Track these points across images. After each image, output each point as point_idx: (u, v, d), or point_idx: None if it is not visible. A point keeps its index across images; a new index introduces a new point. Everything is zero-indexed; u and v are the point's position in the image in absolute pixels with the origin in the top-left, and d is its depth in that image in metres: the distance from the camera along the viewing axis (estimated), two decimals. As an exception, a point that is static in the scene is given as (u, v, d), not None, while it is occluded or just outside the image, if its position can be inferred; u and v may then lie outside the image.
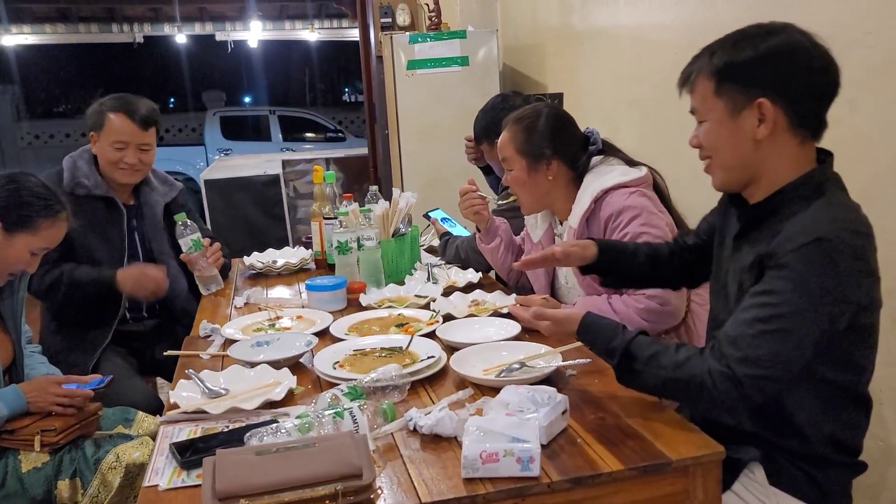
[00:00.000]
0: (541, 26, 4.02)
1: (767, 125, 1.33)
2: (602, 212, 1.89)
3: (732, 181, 1.43)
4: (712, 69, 1.37)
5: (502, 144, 2.05)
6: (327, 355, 1.72)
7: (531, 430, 1.23)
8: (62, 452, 1.83)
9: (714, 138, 1.40)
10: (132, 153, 2.43)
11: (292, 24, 8.53)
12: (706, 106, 1.40)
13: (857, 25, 2.01)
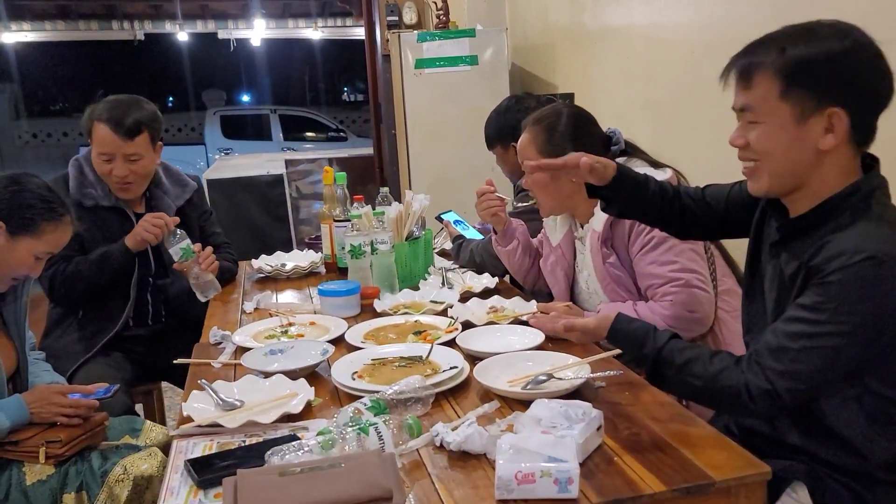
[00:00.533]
0: (551, 25, 3.96)
1: (836, 136, 1.25)
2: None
3: (778, 188, 1.34)
4: (781, 68, 1.25)
5: (523, 146, 1.99)
6: (345, 365, 1.66)
7: (569, 449, 1.17)
8: (68, 465, 1.77)
9: (770, 143, 1.29)
10: (120, 165, 2.30)
11: (295, 22, 8.46)
12: (767, 107, 1.28)
13: (888, 26, 1.94)
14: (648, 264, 1.79)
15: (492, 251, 2.45)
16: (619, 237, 1.85)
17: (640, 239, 1.80)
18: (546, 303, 1.88)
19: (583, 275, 2.02)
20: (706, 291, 1.75)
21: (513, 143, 2.56)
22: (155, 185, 2.52)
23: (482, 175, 4.02)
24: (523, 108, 2.55)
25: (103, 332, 2.39)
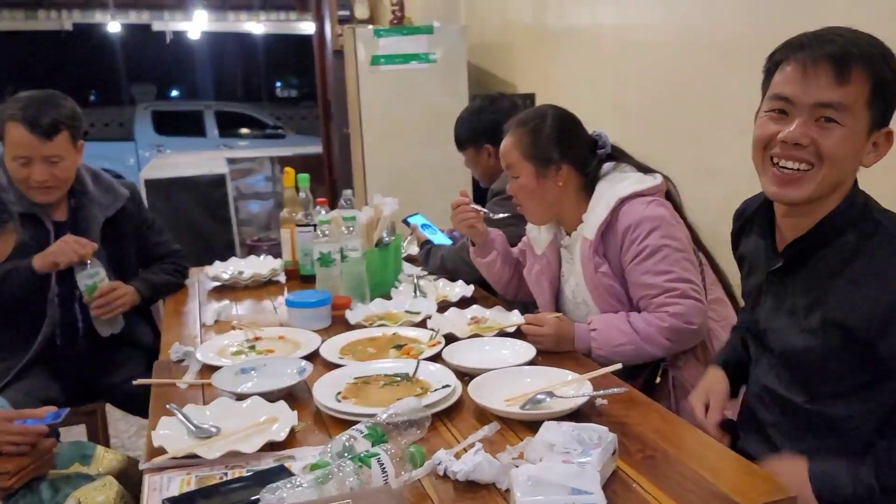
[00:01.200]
0: (511, 24, 3.89)
1: (879, 154, 1.24)
2: (619, 223, 1.76)
3: (820, 193, 1.25)
4: (877, 74, 1.18)
5: (506, 150, 1.90)
6: (326, 385, 1.54)
7: (592, 480, 1.09)
8: (16, 497, 1.60)
9: (844, 149, 1.21)
10: (40, 168, 2.08)
11: (236, 14, 8.17)
12: (856, 110, 1.19)
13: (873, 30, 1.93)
14: (643, 274, 1.73)
15: (465, 258, 2.35)
16: (612, 246, 1.78)
17: (633, 247, 1.73)
18: (532, 314, 1.80)
19: (569, 284, 1.94)
20: (701, 302, 1.70)
21: (486, 145, 2.48)
22: (82, 193, 2.28)
23: (441, 175, 3.96)
24: (498, 108, 2.46)
25: (17, 354, 2.18)
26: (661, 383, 1.78)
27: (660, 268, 1.70)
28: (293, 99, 16.42)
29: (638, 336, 1.70)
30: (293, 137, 11.78)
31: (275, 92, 16.67)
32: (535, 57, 3.71)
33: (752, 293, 1.45)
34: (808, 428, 1.33)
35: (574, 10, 3.32)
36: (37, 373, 2.17)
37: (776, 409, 1.39)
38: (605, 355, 1.70)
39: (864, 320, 1.21)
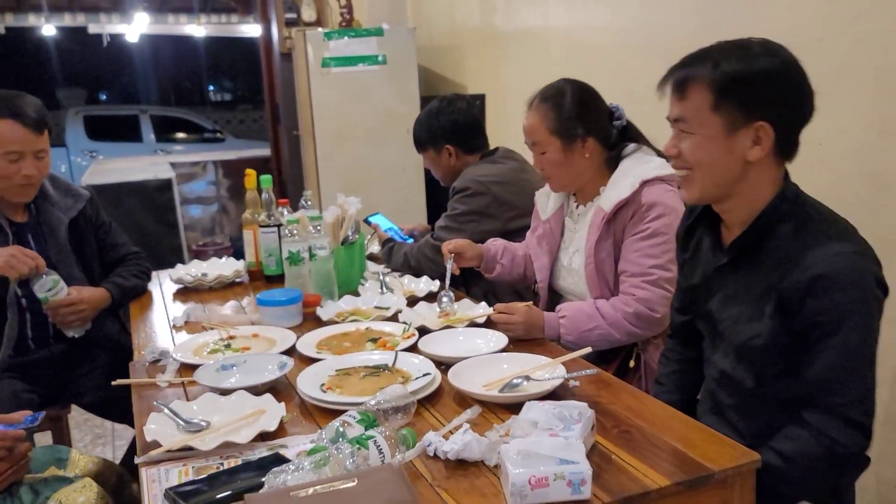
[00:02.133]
0: (459, 26, 3.98)
1: (763, 148, 1.33)
2: (637, 202, 1.83)
3: (710, 197, 1.42)
4: (714, 82, 1.32)
5: (532, 127, 1.94)
6: (309, 377, 1.58)
7: (578, 450, 1.17)
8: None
9: (702, 153, 1.36)
10: (30, 163, 2.10)
11: (176, 17, 8.03)
12: (699, 119, 1.35)
13: (809, 32, 2.08)
14: (634, 251, 1.82)
15: (428, 254, 2.42)
16: (621, 221, 1.85)
17: (639, 224, 1.81)
18: (508, 303, 1.87)
19: (567, 251, 2.02)
20: (669, 293, 1.79)
21: (446, 146, 2.55)
22: (41, 195, 2.26)
23: (394, 175, 4.02)
24: (455, 109, 2.53)
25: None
26: (634, 367, 1.87)
27: (650, 251, 1.79)
28: (229, 102, 16.19)
29: (605, 321, 1.79)
30: (232, 141, 11.65)
31: (211, 96, 16.41)
32: (484, 58, 3.80)
33: (700, 286, 1.54)
34: (761, 407, 1.43)
35: (523, 13, 3.42)
36: (10, 377, 2.14)
37: (731, 390, 1.48)
38: (574, 341, 1.79)
39: (789, 297, 1.31)
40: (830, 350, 1.28)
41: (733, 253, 1.42)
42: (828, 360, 1.28)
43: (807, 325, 1.30)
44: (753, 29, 2.25)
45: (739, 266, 1.41)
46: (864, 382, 1.29)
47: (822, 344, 1.29)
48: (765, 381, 1.40)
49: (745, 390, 1.44)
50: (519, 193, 2.43)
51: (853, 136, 1.99)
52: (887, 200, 1.92)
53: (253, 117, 15.38)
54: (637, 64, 2.70)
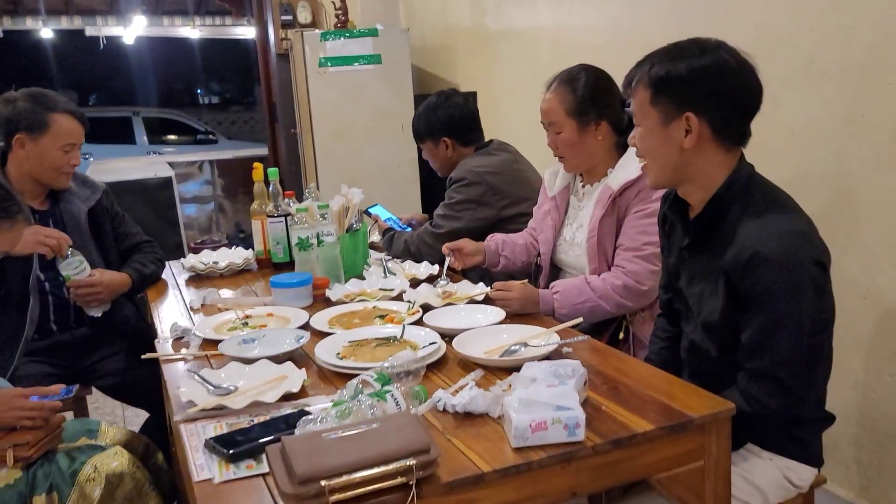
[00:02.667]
0: (451, 27, 4.13)
1: (693, 136, 1.49)
2: (642, 182, 1.96)
3: (664, 181, 1.59)
4: (649, 80, 1.51)
5: (550, 108, 2.08)
6: (326, 347, 1.73)
7: (572, 399, 1.32)
8: (35, 467, 1.74)
9: (647, 143, 1.56)
10: (77, 154, 2.36)
11: (171, 20, 8.15)
12: (643, 112, 1.54)
13: (779, 27, 2.24)
14: (633, 227, 1.97)
15: (428, 241, 2.57)
16: (627, 197, 1.99)
17: (641, 204, 1.96)
18: (505, 281, 2.02)
19: (571, 227, 2.17)
20: (657, 267, 1.94)
21: (444, 138, 2.70)
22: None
23: (389, 169, 4.17)
24: (452, 104, 2.68)
25: (11, 344, 2.29)
26: (624, 338, 2.03)
27: (646, 229, 1.94)
28: (221, 104, 16.28)
29: (595, 294, 1.95)
30: (225, 142, 11.76)
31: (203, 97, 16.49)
32: (476, 57, 3.95)
33: (674, 267, 1.69)
34: (724, 374, 1.55)
35: (512, 14, 3.57)
36: (34, 360, 2.28)
37: (700, 359, 1.64)
38: (567, 314, 1.94)
39: (732, 273, 1.45)
40: (757, 319, 1.43)
41: (693, 234, 1.58)
42: (755, 327, 1.43)
43: (744, 298, 1.45)
44: (727, 26, 2.44)
45: (701, 246, 1.56)
46: (791, 348, 1.41)
47: (752, 314, 1.44)
48: (726, 351, 1.54)
49: (712, 359, 1.58)
50: (512, 183, 2.58)
51: (822, 124, 2.15)
52: (852, 182, 2.08)
53: (244, 118, 15.49)
54: (621, 61, 2.82)
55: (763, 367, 1.44)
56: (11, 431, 1.72)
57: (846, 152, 2.09)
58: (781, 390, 1.43)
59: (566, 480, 1.28)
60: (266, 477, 1.23)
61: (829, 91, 2.12)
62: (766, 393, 1.44)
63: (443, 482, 1.18)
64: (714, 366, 1.58)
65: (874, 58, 1.99)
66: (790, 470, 1.55)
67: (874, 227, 2.02)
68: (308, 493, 1.10)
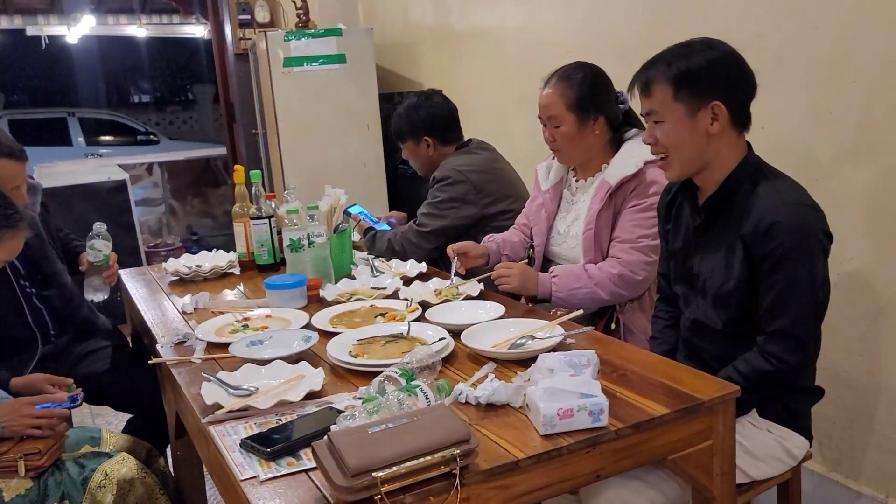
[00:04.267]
0: (414, 26, 4.17)
1: (720, 123, 1.62)
2: (639, 178, 2.05)
3: (688, 171, 1.70)
4: (670, 77, 1.61)
5: (550, 102, 2.14)
6: (337, 346, 1.76)
7: (595, 386, 1.39)
8: (45, 476, 1.74)
9: (674, 136, 1.65)
10: (23, 191, 2.26)
11: (116, 18, 7.94)
12: (665, 108, 1.64)
13: (748, 28, 2.36)
14: (629, 220, 2.05)
15: (412, 238, 2.62)
16: (623, 192, 2.08)
17: (638, 199, 2.05)
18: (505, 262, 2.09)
19: (565, 220, 2.24)
20: (651, 258, 2.03)
21: (425, 137, 2.74)
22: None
23: (356, 169, 4.20)
24: (433, 103, 2.74)
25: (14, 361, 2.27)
26: (615, 329, 2.12)
27: (642, 223, 2.03)
28: (156, 103, 15.89)
29: (591, 281, 2.03)
30: (167, 143, 11.50)
31: (135, 96, 16.07)
32: (440, 56, 4.00)
33: (682, 249, 1.80)
34: (729, 345, 1.68)
35: (479, 13, 3.63)
36: None
37: (703, 335, 1.75)
38: (564, 297, 2.03)
39: (751, 242, 1.59)
40: (776, 282, 1.57)
41: (707, 212, 1.69)
42: (775, 289, 1.57)
43: (762, 263, 1.58)
44: (696, 26, 2.55)
45: (713, 224, 1.69)
46: (807, 307, 1.57)
47: (772, 277, 1.57)
48: (732, 324, 1.67)
49: (715, 334, 1.71)
50: (493, 182, 2.65)
51: (790, 120, 2.27)
52: (821, 174, 2.21)
53: (183, 118, 15.17)
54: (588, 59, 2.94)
55: (783, 326, 1.57)
56: (20, 441, 1.72)
57: (814, 147, 2.22)
58: (799, 346, 1.58)
59: (591, 464, 1.35)
60: (309, 472, 1.26)
61: (796, 89, 2.25)
62: (786, 350, 1.57)
63: (482, 469, 1.24)
64: (716, 343, 1.70)
65: (838, 57, 2.12)
66: (786, 440, 1.68)
67: (843, 218, 2.15)
68: (361, 484, 1.14)
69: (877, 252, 2.10)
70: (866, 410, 2.19)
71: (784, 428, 1.68)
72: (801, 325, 1.57)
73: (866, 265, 2.13)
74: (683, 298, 1.81)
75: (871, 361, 2.16)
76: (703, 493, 1.52)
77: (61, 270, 2.44)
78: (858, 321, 2.17)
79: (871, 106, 2.06)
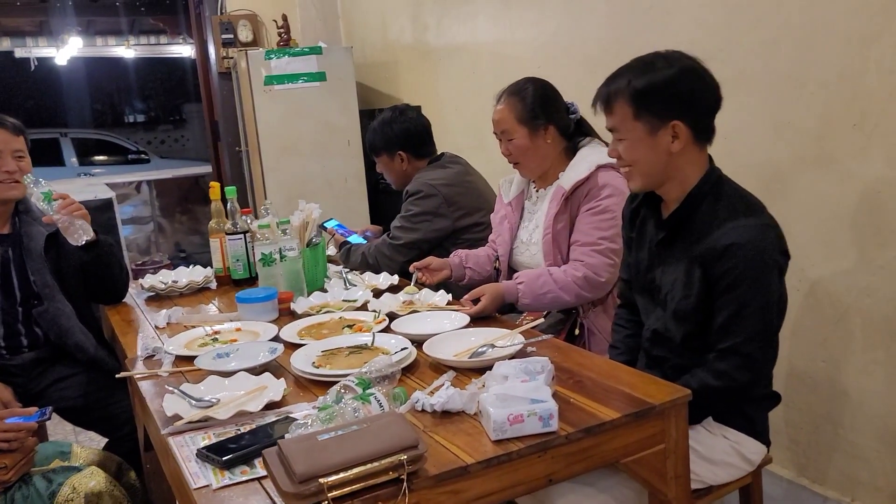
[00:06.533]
0: (392, 44, 4.22)
1: (680, 142, 1.63)
2: (591, 182, 2.10)
3: (651, 184, 1.73)
4: (630, 96, 1.63)
5: (502, 117, 2.22)
6: (301, 357, 1.79)
7: (545, 392, 1.42)
8: (12, 490, 1.75)
9: (634, 153, 1.67)
10: (9, 160, 2.30)
11: (104, 40, 8.00)
12: (626, 127, 1.66)
13: (711, 43, 2.41)
14: (586, 223, 2.10)
15: (385, 252, 2.65)
16: (578, 196, 2.13)
17: (592, 201, 2.10)
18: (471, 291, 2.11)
19: (527, 228, 2.30)
20: (612, 261, 2.07)
21: (399, 151, 2.78)
22: (25, 210, 2.44)
23: (337, 185, 4.24)
24: (407, 118, 2.78)
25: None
26: (579, 334, 2.15)
27: (599, 225, 2.08)
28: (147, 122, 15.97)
29: (556, 285, 2.07)
30: (158, 161, 11.55)
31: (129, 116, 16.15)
32: (418, 73, 4.05)
33: (645, 259, 1.82)
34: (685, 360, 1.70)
35: (454, 29, 3.69)
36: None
37: (662, 346, 1.77)
38: (530, 303, 2.06)
39: (708, 262, 1.60)
40: (730, 302, 1.58)
41: (669, 227, 1.71)
42: (727, 310, 1.59)
43: (717, 282, 1.59)
44: (662, 40, 2.60)
45: (675, 239, 1.71)
46: (758, 327, 1.58)
47: (725, 298, 1.59)
48: (690, 337, 1.68)
49: (674, 345, 1.72)
50: (465, 194, 2.69)
51: (752, 130, 2.32)
52: (782, 183, 2.25)
53: (174, 137, 15.24)
54: (559, 73, 2.99)
55: (734, 344, 1.59)
56: (-12, 455, 1.73)
57: (775, 156, 2.26)
58: (749, 365, 1.59)
59: (543, 468, 1.38)
60: (261, 480, 1.29)
61: (757, 100, 2.29)
62: (736, 367, 1.59)
63: (431, 475, 1.26)
64: (674, 353, 1.72)
65: (796, 69, 2.17)
66: (740, 445, 1.70)
67: (804, 224, 2.19)
68: (308, 490, 1.16)
69: (837, 259, 2.14)
70: (830, 416, 2.22)
71: (739, 433, 1.70)
72: (751, 344, 1.58)
73: (827, 272, 2.17)
74: (644, 309, 1.84)
75: (834, 367, 2.19)
76: (658, 497, 1.54)
77: (52, 285, 2.43)
78: (820, 327, 2.20)
79: (829, 117, 2.11)
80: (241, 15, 4.68)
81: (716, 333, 1.62)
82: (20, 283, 2.40)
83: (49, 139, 11.44)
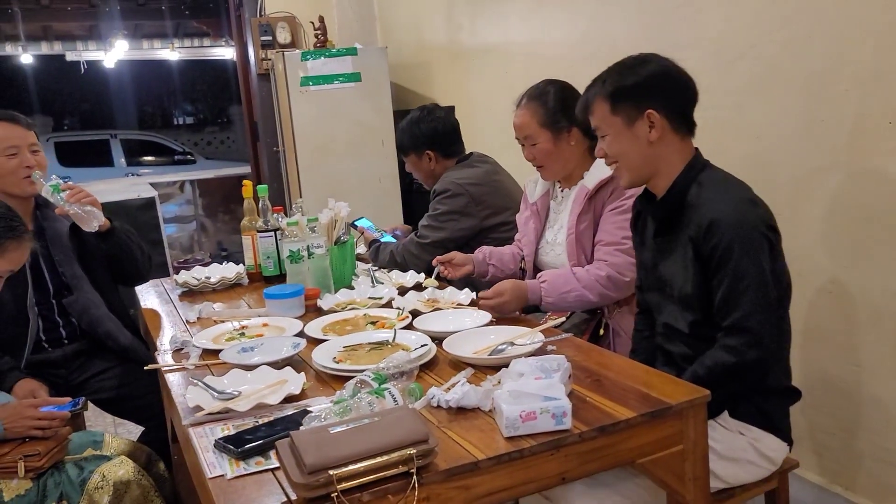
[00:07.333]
0: (427, 44, 4.24)
1: (657, 130, 1.69)
2: (615, 181, 2.07)
3: (638, 178, 1.77)
4: (606, 93, 1.71)
5: (523, 123, 2.23)
6: (322, 353, 1.81)
7: (559, 389, 1.41)
8: (45, 477, 1.81)
9: (618, 147, 1.74)
10: (28, 154, 2.35)
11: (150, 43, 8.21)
12: (606, 122, 1.74)
13: (742, 40, 2.37)
14: (610, 223, 2.09)
15: (413, 251, 2.67)
16: (601, 196, 2.13)
17: (617, 200, 2.10)
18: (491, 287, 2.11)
19: (553, 229, 2.30)
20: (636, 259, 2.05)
21: (427, 151, 2.80)
22: (45, 205, 2.49)
23: (372, 184, 4.28)
24: (435, 118, 2.79)
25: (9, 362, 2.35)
26: (604, 335, 2.14)
27: (623, 225, 2.06)
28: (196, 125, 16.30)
29: (580, 284, 2.06)
30: (203, 162, 11.78)
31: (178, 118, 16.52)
32: (451, 73, 4.07)
33: (649, 258, 1.84)
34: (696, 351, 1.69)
35: (486, 30, 3.69)
36: (27, 376, 2.33)
37: (675, 339, 1.77)
38: (554, 302, 2.05)
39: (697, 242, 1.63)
40: (724, 277, 1.60)
41: (659, 217, 1.75)
42: (723, 285, 1.60)
43: (709, 261, 1.62)
44: (692, 38, 2.57)
45: (668, 228, 1.74)
46: (757, 300, 1.58)
47: (719, 274, 1.61)
48: (697, 325, 1.70)
49: (684, 337, 1.73)
50: (492, 193, 2.69)
51: (784, 129, 2.27)
52: (814, 182, 2.20)
53: (220, 138, 15.52)
54: (590, 72, 2.97)
55: (735, 320, 1.59)
56: (22, 443, 1.79)
57: (807, 155, 2.22)
58: (754, 341, 1.58)
59: (556, 466, 1.37)
60: (275, 471, 1.31)
61: (789, 98, 2.25)
62: (744, 343, 1.59)
63: (441, 470, 1.27)
64: (685, 346, 1.72)
65: (830, 66, 2.12)
66: (759, 441, 1.68)
67: (835, 225, 2.14)
68: (317, 482, 1.18)
69: (869, 261, 2.08)
70: (862, 421, 2.17)
71: (757, 429, 1.68)
72: (753, 318, 1.58)
73: (859, 274, 2.12)
74: (656, 306, 1.84)
75: (866, 371, 2.14)
76: (676, 499, 1.53)
77: (80, 276, 2.50)
78: (852, 331, 2.15)
79: (863, 115, 2.06)
80: (279, 17, 4.76)
81: (718, 312, 1.63)
82: (51, 276, 2.46)
83: (100, 140, 11.79)
